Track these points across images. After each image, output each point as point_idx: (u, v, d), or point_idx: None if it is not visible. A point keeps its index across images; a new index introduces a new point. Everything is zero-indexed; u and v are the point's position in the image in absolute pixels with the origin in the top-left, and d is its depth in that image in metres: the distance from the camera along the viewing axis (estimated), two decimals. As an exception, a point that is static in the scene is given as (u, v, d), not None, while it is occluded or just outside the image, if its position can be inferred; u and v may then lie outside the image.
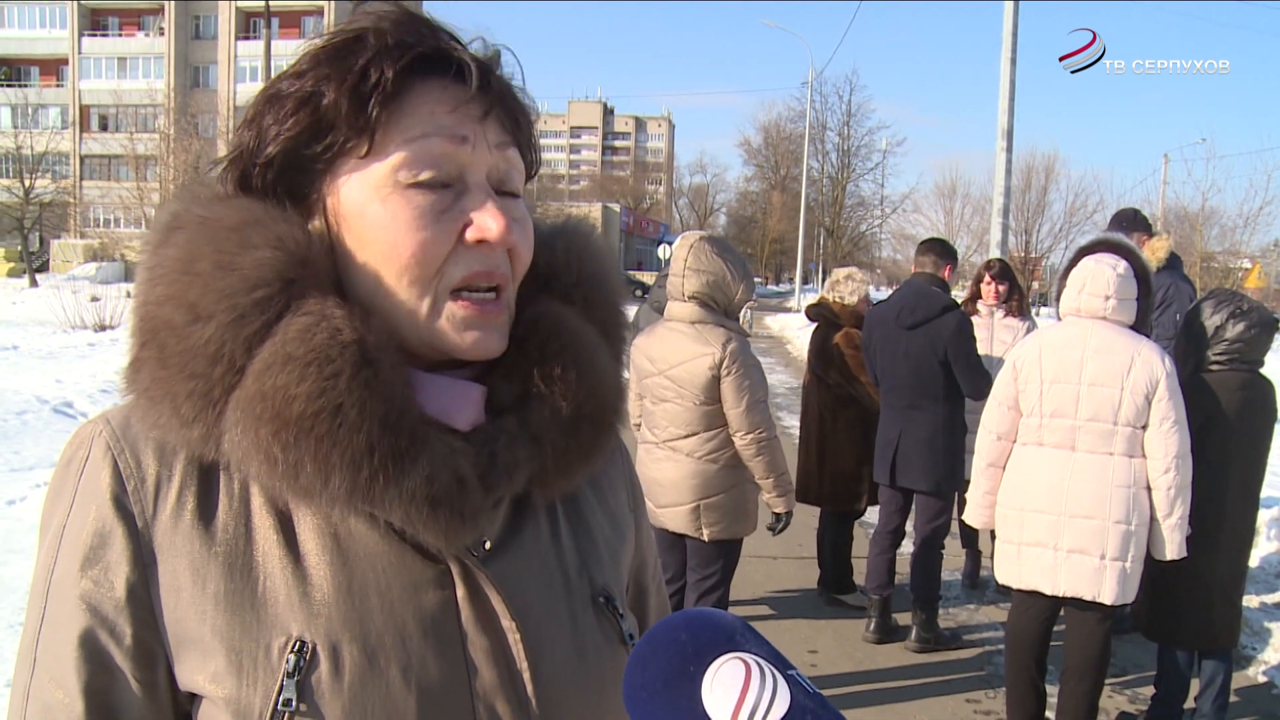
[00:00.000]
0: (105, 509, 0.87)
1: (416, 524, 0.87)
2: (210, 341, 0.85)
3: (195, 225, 0.90)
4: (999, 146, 12.78)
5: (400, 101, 0.90)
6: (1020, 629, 4.19)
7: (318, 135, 0.91)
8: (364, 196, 0.90)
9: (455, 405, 0.93)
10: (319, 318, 0.86)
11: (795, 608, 6.05)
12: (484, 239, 0.91)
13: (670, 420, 4.19)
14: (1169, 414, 3.78)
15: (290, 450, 0.83)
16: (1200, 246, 28.16)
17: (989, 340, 6.10)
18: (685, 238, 4.34)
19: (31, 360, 15.23)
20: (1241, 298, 4.31)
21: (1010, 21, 12.51)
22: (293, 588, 0.86)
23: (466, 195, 0.92)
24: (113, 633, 0.86)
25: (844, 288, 6.29)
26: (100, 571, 0.86)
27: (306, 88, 0.91)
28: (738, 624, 0.78)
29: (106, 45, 63.28)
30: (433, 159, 0.90)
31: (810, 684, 0.75)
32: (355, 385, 0.84)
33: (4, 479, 7.66)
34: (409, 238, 0.89)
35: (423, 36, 0.92)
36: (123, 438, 0.89)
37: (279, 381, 0.83)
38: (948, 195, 57.73)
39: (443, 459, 0.88)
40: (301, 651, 0.84)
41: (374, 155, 0.90)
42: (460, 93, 0.93)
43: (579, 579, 1.02)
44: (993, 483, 4.15)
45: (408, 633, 0.88)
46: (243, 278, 0.86)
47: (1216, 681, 4.28)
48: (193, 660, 0.86)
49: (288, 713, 0.83)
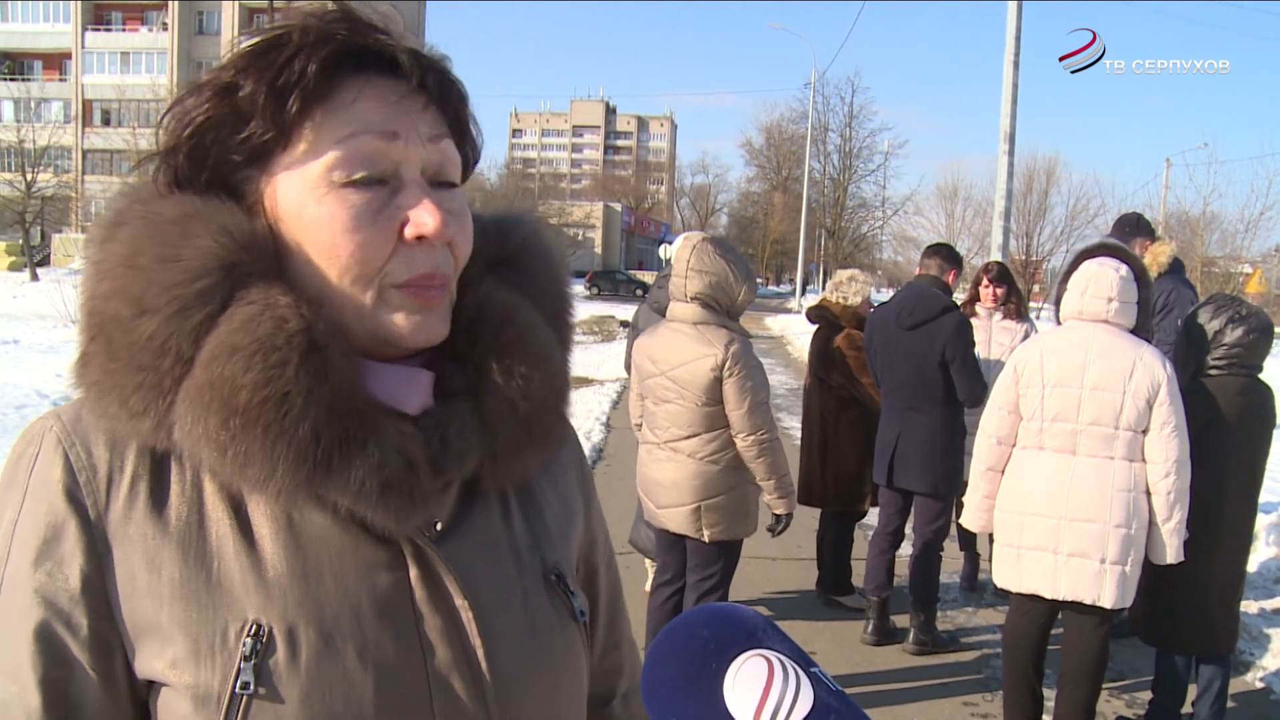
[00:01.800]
0: (58, 502, 0.87)
1: (367, 507, 0.88)
2: (156, 334, 0.86)
3: (138, 220, 0.90)
4: (1001, 149, 12.76)
5: (328, 99, 0.91)
6: (1018, 632, 4.19)
7: (235, 126, 0.91)
8: (300, 197, 0.91)
9: (404, 390, 0.95)
10: (263, 307, 0.86)
11: (793, 609, 6.04)
12: (422, 235, 0.91)
13: (672, 421, 4.19)
14: (1169, 419, 3.78)
15: (239, 439, 0.84)
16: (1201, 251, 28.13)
17: (987, 343, 6.10)
18: (688, 238, 4.34)
19: (32, 354, 15.23)
20: (1240, 302, 4.30)
21: (1013, 24, 12.50)
22: (248, 572, 0.87)
23: (402, 191, 0.92)
24: (68, 625, 0.86)
25: (846, 289, 6.28)
26: (54, 564, 0.86)
27: (225, 78, 0.91)
28: (760, 620, 0.78)
29: (110, 40, 63.22)
30: (365, 157, 0.90)
31: (833, 682, 0.74)
32: (303, 373, 0.85)
33: (4, 473, 7.65)
34: (347, 239, 0.90)
35: (349, 31, 0.92)
36: (74, 431, 0.90)
37: (225, 371, 0.84)
38: (949, 198, 57.60)
39: (392, 443, 0.89)
40: (258, 635, 0.85)
41: (306, 155, 0.90)
42: (390, 87, 0.93)
43: (530, 558, 1.03)
44: (991, 486, 4.15)
45: (362, 613, 0.89)
46: (185, 269, 0.86)
47: (1214, 686, 4.28)
48: (151, 648, 0.86)
49: (245, 695, 0.84)
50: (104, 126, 57.47)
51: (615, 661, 1.24)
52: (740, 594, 5.78)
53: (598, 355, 20.61)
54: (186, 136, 0.92)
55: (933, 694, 4.94)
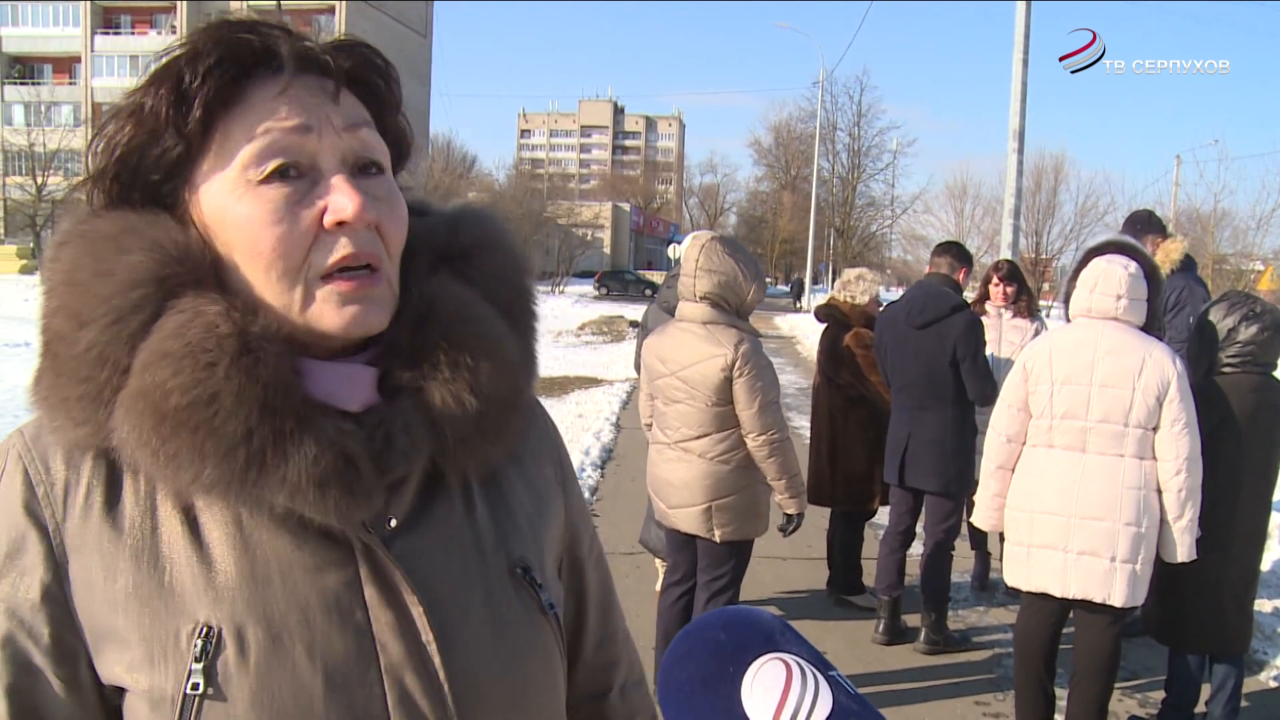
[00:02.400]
0: (17, 516, 0.90)
1: (304, 504, 0.89)
2: (94, 345, 0.88)
3: (78, 239, 0.93)
4: (1010, 147, 12.75)
5: (233, 102, 0.92)
6: (1029, 631, 4.17)
7: (152, 145, 0.93)
8: (221, 201, 0.92)
9: (344, 387, 0.95)
10: (194, 314, 0.88)
11: (805, 609, 6.04)
12: (342, 220, 0.92)
13: (682, 421, 4.18)
14: (1180, 416, 3.76)
15: (169, 442, 0.86)
16: (1212, 249, 27.99)
17: (997, 341, 6.08)
18: (696, 238, 4.33)
19: (43, 357, 15.25)
20: (1255, 300, 4.28)
21: (1022, 22, 12.47)
22: (198, 575, 0.89)
23: (321, 182, 0.93)
24: (31, 633, 0.88)
25: (855, 287, 6.28)
26: (16, 576, 0.89)
27: (135, 100, 0.93)
28: (777, 624, 0.77)
29: (119, 43, 63.42)
30: (278, 152, 0.91)
31: (851, 685, 0.74)
32: (234, 373, 0.87)
33: (16, 475, 7.68)
34: (267, 233, 0.91)
35: (243, 34, 0.94)
36: (33, 447, 0.93)
37: (157, 377, 0.86)
38: (958, 196, 57.65)
39: (329, 439, 0.90)
40: (208, 636, 0.87)
41: (220, 160, 0.92)
42: (297, 82, 0.94)
43: (495, 553, 1.03)
44: (1001, 485, 4.13)
45: (311, 613, 0.90)
46: (118, 282, 0.89)
47: (1228, 686, 4.26)
48: (110, 653, 0.89)
49: (196, 697, 0.86)
50: (114, 130, 57.58)
51: (611, 655, 1.24)
52: (751, 594, 5.77)
53: (607, 355, 20.64)
54: (113, 161, 0.94)
55: (944, 694, 4.93)
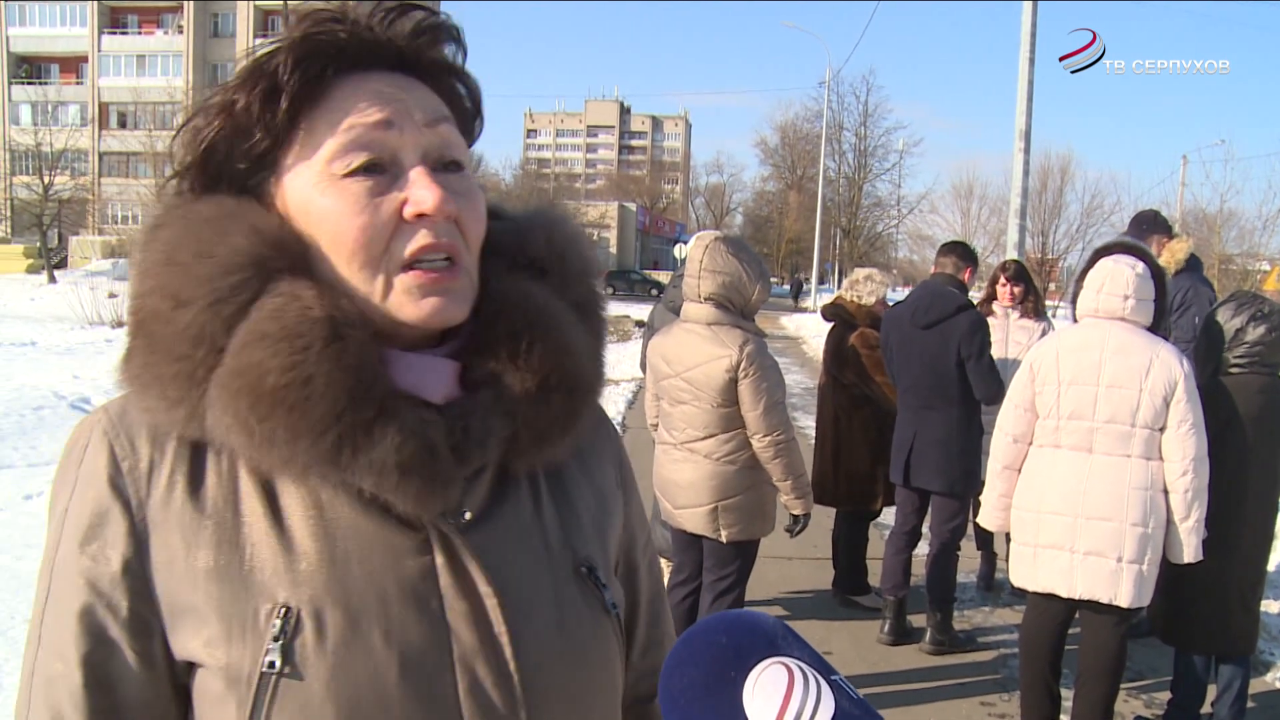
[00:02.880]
0: (103, 491, 0.92)
1: (387, 490, 0.91)
2: (192, 325, 0.91)
3: (177, 221, 0.96)
4: (1016, 147, 12.73)
5: (319, 98, 0.95)
6: (1035, 632, 4.17)
7: (239, 139, 0.96)
8: (305, 193, 0.95)
9: (427, 379, 0.98)
10: (290, 297, 0.91)
11: (810, 609, 6.04)
12: (422, 212, 0.94)
13: (688, 422, 4.18)
14: (1187, 416, 3.75)
15: (265, 421, 0.88)
16: (1218, 248, 27.94)
17: (1004, 341, 6.07)
18: (700, 238, 4.32)
19: (49, 356, 15.33)
20: (1262, 300, 4.28)
21: (1029, 22, 12.45)
22: (279, 557, 0.91)
23: (402, 176, 0.95)
24: (110, 606, 0.91)
25: (863, 288, 6.27)
26: (98, 548, 0.92)
27: (227, 95, 0.96)
28: (779, 627, 0.77)
29: (126, 43, 63.59)
30: (361, 146, 0.94)
31: (853, 689, 0.74)
32: (324, 358, 0.89)
33: (21, 474, 7.71)
34: (349, 223, 0.93)
35: (333, 30, 0.96)
36: (119, 424, 0.95)
37: (254, 357, 0.89)
38: (965, 196, 57.39)
39: (413, 429, 0.92)
40: (287, 617, 0.89)
41: (305, 153, 0.95)
42: (382, 78, 0.98)
43: (561, 550, 1.05)
44: (1008, 485, 4.13)
45: (388, 598, 0.92)
46: (219, 264, 0.91)
47: (1234, 687, 4.25)
48: (187, 629, 0.90)
49: (273, 675, 0.87)
50: (120, 129, 57.71)
51: (657, 660, 1.24)
52: (756, 594, 5.77)
53: (613, 355, 20.53)
54: (200, 153, 0.97)
55: (950, 694, 4.93)
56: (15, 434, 8.93)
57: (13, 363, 13.93)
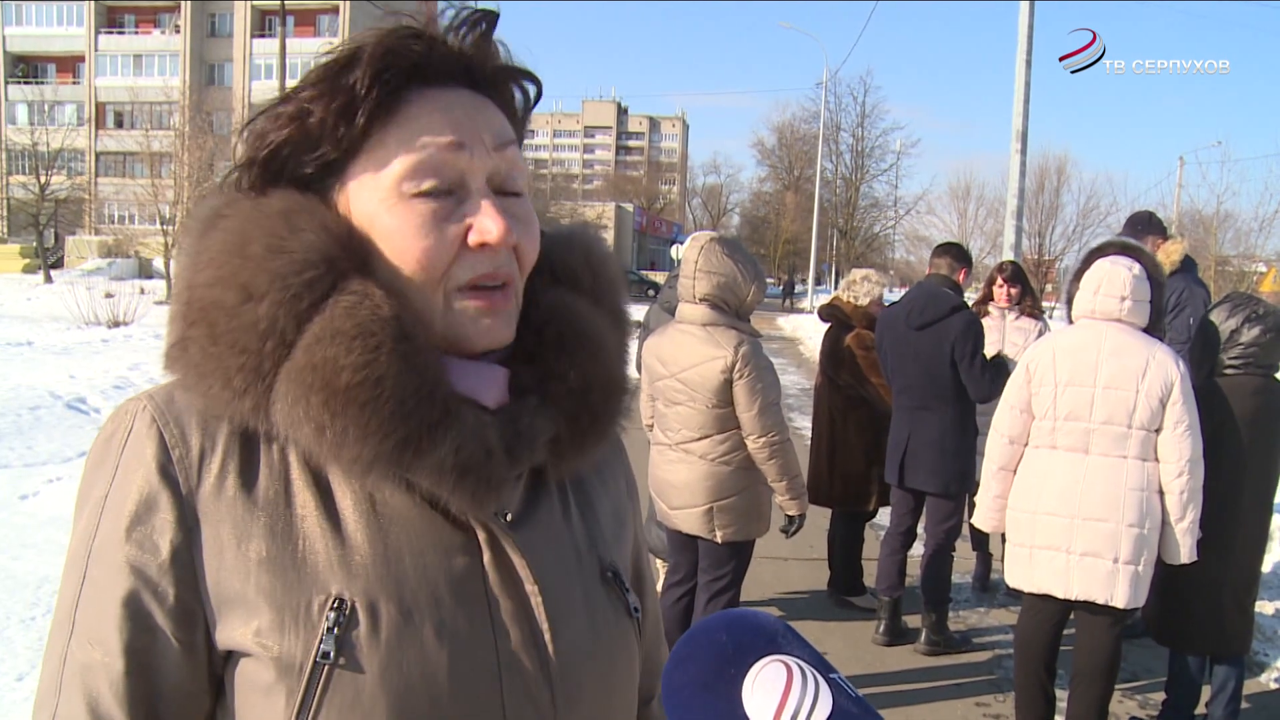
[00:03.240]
0: (151, 476, 0.92)
1: (446, 490, 0.93)
2: (263, 319, 0.91)
3: (246, 211, 0.96)
4: (1013, 148, 12.77)
5: (394, 114, 0.96)
6: (1030, 632, 4.17)
7: (307, 146, 0.97)
8: (372, 207, 0.96)
9: (483, 385, 1.00)
10: (362, 296, 0.92)
11: (805, 609, 6.04)
12: (485, 242, 0.96)
13: (683, 423, 4.18)
14: (1183, 417, 3.76)
15: (338, 418, 0.90)
16: (1215, 250, 27.91)
17: (1001, 342, 6.09)
18: (696, 239, 4.32)
19: (45, 356, 15.29)
20: (1258, 302, 4.28)
21: (1025, 23, 12.49)
22: (332, 550, 0.92)
23: (468, 200, 0.97)
24: (156, 594, 0.91)
25: (859, 288, 6.28)
26: (145, 536, 0.91)
27: (300, 105, 0.96)
28: (779, 626, 0.78)
29: (123, 43, 63.56)
30: (432, 168, 0.96)
31: (852, 688, 0.74)
32: (394, 358, 0.91)
33: (17, 474, 7.70)
34: (414, 245, 0.95)
35: (412, 45, 0.97)
36: (167, 410, 0.95)
37: (329, 353, 0.90)
38: (961, 197, 57.41)
39: (472, 431, 0.94)
40: (341, 609, 0.90)
41: (376, 168, 0.96)
42: (456, 98, 0.99)
43: (588, 554, 1.09)
44: (1003, 486, 4.13)
45: (440, 593, 0.94)
46: (294, 260, 0.92)
47: (1228, 688, 4.26)
48: (236, 619, 0.91)
49: (326, 665, 0.89)
50: (117, 129, 57.52)
51: (656, 662, 1.28)
52: (752, 594, 5.78)
53: (609, 356, 20.60)
54: (263, 155, 0.98)
55: (945, 694, 4.94)
56: (11, 434, 8.91)
57: (9, 363, 13.90)
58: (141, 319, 22.85)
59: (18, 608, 4.92)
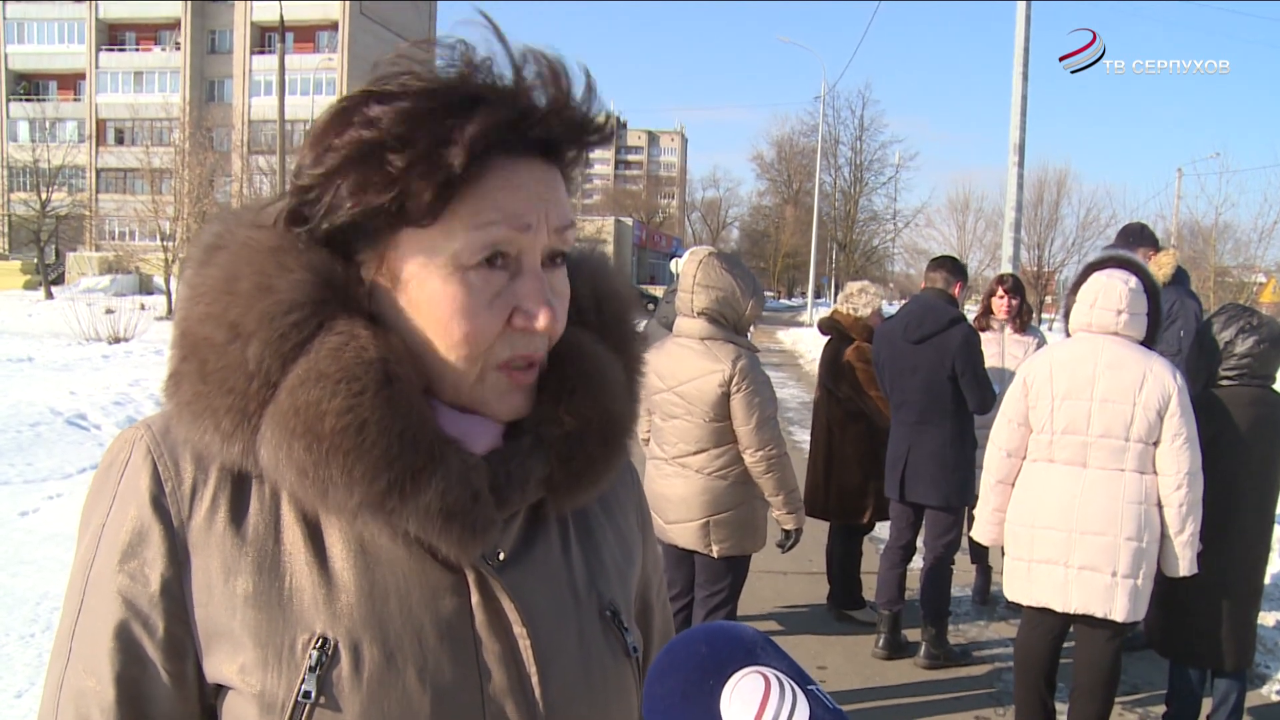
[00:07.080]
0: (144, 509, 0.92)
1: (431, 535, 0.92)
2: (250, 359, 0.90)
3: (238, 246, 0.94)
4: (1011, 161, 12.82)
5: (475, 182, 0.91)
6: (1030, 646, 4.17)
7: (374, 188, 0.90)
8: (422, 271, 0.93)
9: (474, 433, 0.98)
10: (349, 337, 0.91)
11: (804, 623, 6.03)
12: (529, 327, 0.95)
13: (679, 437, 4.19)
14: (1181, 430, 3.77)
15: (321, 465, 0.88)
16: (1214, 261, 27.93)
17: (1000, 355, 6.10)
18: (694, 253, 4.33)
19: (46, 372, 15.28)
20: (1252, 312, 4.29)
21: (1021, 36, 12.54)
22: (318, 588, 0.92)
23: (520, 278, 0.95)
24: (146, 625, 0.91)
25: (857, 300, 6.29)
26: (137, 567, 0.91)
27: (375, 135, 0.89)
28: (758, 638, 0.79)
29: (123, 60, 63.83)
30: (495, 244, 0.93)
31: (830, 699, 0.75)
32: (378, 403, 0.89)
33: (17, 490, 7.70)
34: (461, 322, 0.93)
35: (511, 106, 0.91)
36: (162, 443, 0.94)
37: (311, 397, 0.88)
38: (960, 210, 57.49)
39: (458, 475, 0.93)
40: (324, 648, 0.89)
41: (439, 234, 0.91)
42: (535, 172, 0.95)
43: (587, 593, 1.06)
44: (1001, 499, 4.14)
45: (424, 635, 0.93)
46: (280, 301, 0.91)
47: (1230, 700, 4.25)
48: (222, 653, 0.91)
49: (307, 704, 0.88)
50: (117, 145, 57.64)
51: None
52: (750, 609, 5.77)
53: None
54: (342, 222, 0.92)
55: (944, 708, 4.92)
56: (12, 450, 8.91)
57: (9, 379, 13.89)
58: (142, 335, 22.85)
59: (17, 624, 4.92)
